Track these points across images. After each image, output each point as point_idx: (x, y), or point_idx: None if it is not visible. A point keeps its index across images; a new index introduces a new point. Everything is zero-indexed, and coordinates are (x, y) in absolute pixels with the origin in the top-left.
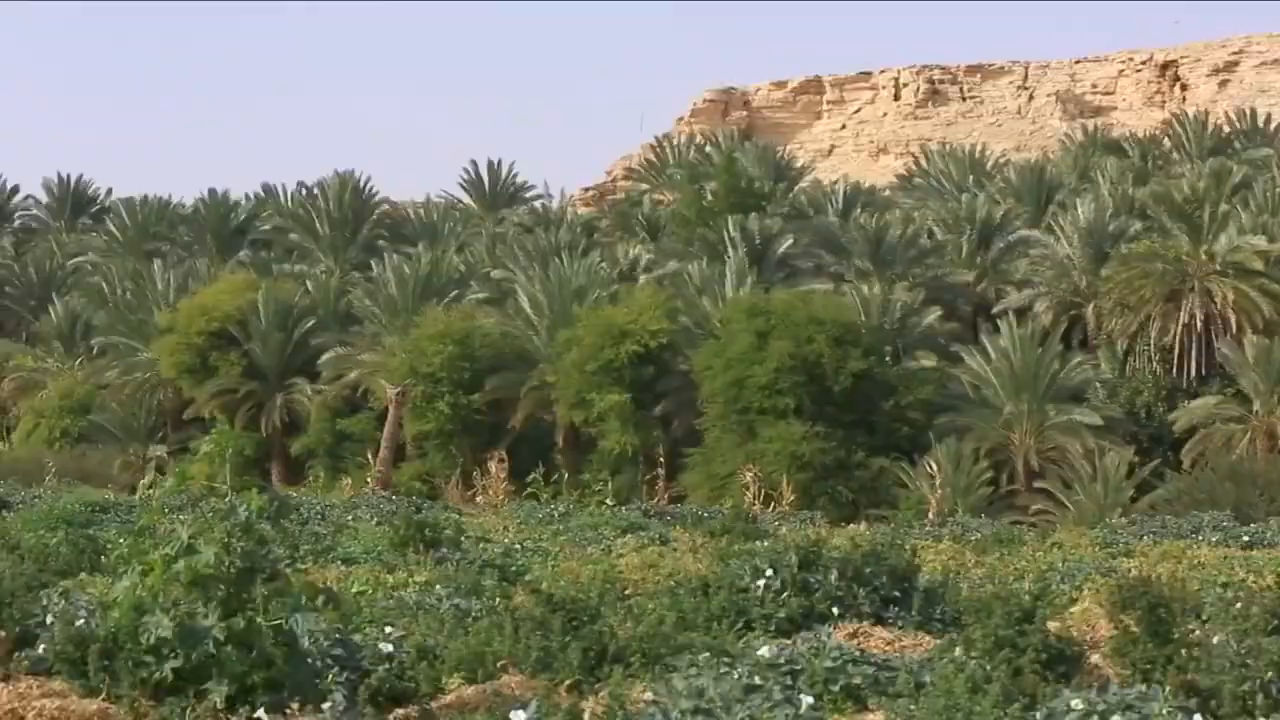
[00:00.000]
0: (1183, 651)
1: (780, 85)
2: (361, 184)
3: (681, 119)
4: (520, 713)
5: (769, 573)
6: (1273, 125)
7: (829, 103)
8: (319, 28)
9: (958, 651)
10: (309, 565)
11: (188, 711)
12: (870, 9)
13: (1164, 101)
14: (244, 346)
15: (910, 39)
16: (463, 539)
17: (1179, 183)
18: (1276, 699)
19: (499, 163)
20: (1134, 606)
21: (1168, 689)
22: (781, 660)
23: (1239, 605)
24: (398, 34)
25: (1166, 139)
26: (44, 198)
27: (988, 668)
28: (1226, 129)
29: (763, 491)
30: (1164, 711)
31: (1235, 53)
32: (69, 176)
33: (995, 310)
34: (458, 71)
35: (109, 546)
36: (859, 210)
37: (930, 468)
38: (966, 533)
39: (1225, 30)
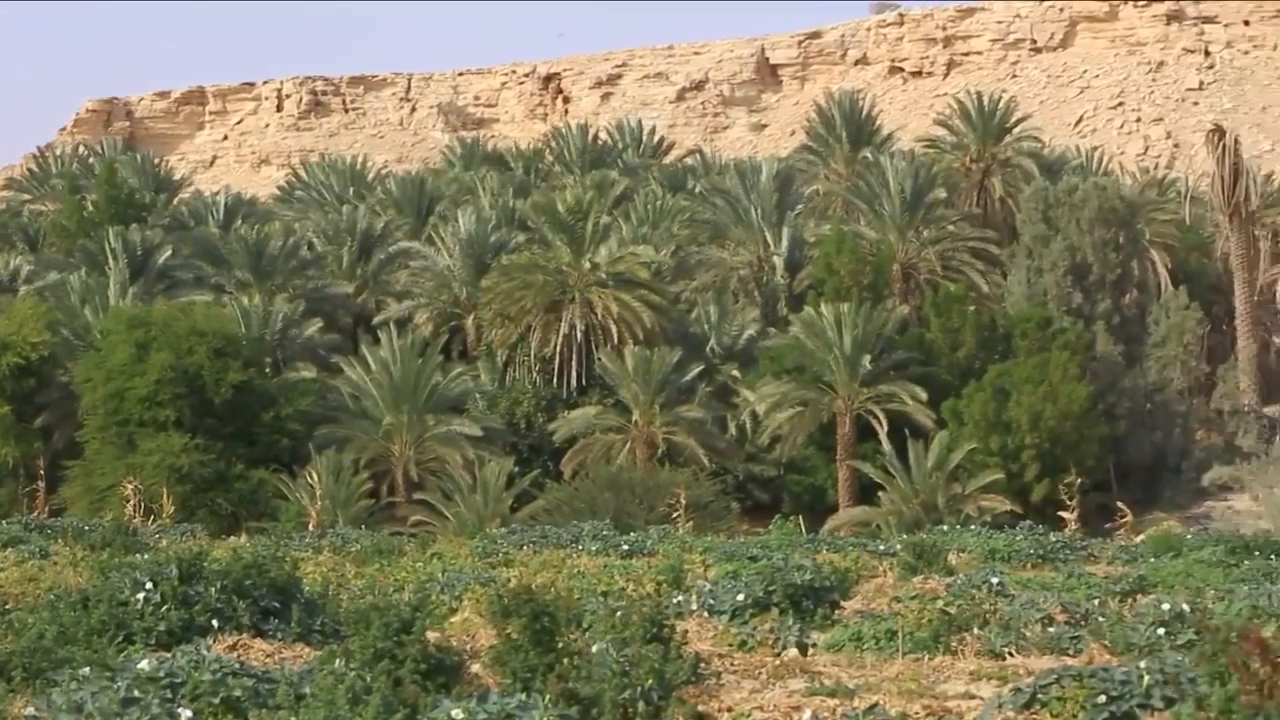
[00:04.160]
0: (564, 660)
1: (163, 95)
2: None
3: (64, 129)
4: None
5: (149, 586)
6: (655, 138)
7: (212, 113)
8: None
9: (338, 663)
10: None
11: None
12: (255, 20)
13: (547, 114)
14: None
15: (296, 51)
16: None
17: (561, 194)
18: (657, 706)
19: None
20: (516, 615)
21: (548, 697)
22: (161, 673)
23: (619, 614)
24: None
25: (549, 151)
26: None
27: (368, 678)
28: (608, 141)
29: (143, 504)
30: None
31: (618, 66)
32: None
33: (376, 321)
34: None
35: None
36: (240, 221)
37: (310, 479)
38: (347, 544)
39: (608, 43)
